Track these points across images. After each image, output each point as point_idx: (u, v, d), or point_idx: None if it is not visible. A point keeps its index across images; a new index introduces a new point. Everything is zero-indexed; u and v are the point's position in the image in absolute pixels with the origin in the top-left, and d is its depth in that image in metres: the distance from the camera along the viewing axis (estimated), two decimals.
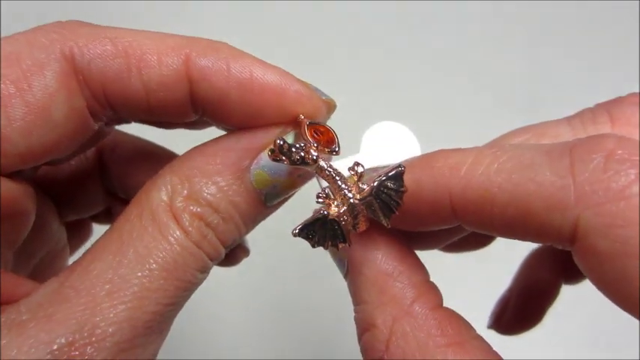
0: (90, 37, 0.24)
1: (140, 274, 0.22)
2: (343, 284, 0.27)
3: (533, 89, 0.67)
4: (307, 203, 0.27)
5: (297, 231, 0.23)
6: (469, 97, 0.66)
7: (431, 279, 0.25)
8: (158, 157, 0.34)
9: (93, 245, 0.24)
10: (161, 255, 0.23)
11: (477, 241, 0.35)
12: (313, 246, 0.24)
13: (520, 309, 0.38)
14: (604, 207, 0.18)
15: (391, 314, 0.22)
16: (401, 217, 0.23)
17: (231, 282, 0.51)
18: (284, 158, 0.23)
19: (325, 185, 0.24)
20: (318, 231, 0.23)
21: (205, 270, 0.25)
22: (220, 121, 0.26)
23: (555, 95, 0.66)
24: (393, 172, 0.23)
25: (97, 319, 0.21)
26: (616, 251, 0.18)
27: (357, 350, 0.25)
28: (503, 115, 0.64)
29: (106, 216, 0.37)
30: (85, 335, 0.21)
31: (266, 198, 0.25)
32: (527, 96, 0.67)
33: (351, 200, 0.23)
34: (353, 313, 0.26)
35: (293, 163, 0.23)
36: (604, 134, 0.20)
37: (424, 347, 0.21)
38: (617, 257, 0.18)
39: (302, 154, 0.23)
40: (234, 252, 0.36)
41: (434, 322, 0.22)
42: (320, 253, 0.26)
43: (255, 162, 0.25)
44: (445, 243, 0.31)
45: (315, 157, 0.23)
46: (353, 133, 0.29)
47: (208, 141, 0.26)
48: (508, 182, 0.20)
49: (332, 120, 0.28)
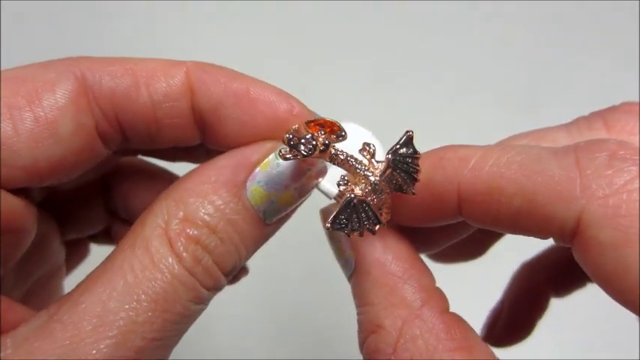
0: (100, 62, 0.25)
1: (127, 307, 0.21)
2: (342, 286, 0.27)
3: (533, 89, 0.68)
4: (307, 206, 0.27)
5: (329, 224, 0.23)
6: (469, 97, 0.67)
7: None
8: (161, 178, 0.33)
9: (88, 275, 0.23)
10: (150, 285, 0.22)
11: (470, 251, 0.36)
12: (348, 235, 0.23)
13: (511, 321, 0.38)
14: (608, 199, 0.19)
15: (400, 316, 0.22)
16: (408, 210, 0.23)
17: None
18: (295, 153, 0.23)
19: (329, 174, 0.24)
20: (349, 218, 0.23)
21: (200, 301, 0.24)
22: (216, 136, 0.26)
23: (555, 95, 0.67)
24: (404, 138, 0.23)
25: (80, 355, 0.20)
26: (617, 241, 0.19)
27: (354, 351, 0.25)
28: (503, 115, 0.65)
29: (105, 236, 0.36)
30: None
31: (265, 215, 0.25)
32: (527, 96, 0.67)
33: (371, 178, 0.23)
34: (350, 316, 0.25)
35: (306, 155, 0.23)
36: (606, 138, 0.21)
37: (433, 351, 0.21)
38: (618, 247, 0.19)
39: (314, 143, 0.23)
40: None
41: (443, 326, 0.22)
42: (320, 254, 0.25)
43: (250, 178, 0.24)
44: (442, 246, 0.31)
45: (327, 143, 0.23)
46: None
47: (202, 164, 0.25)
48: (516, 174, 0.21)
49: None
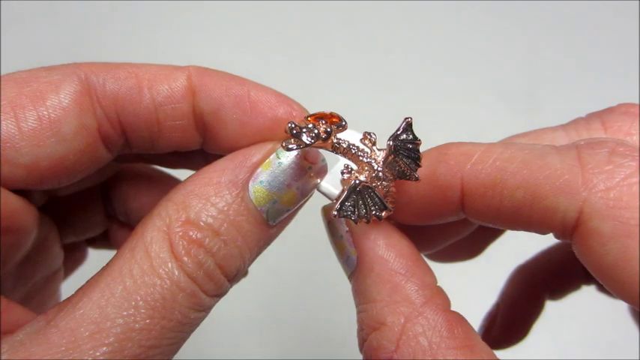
0: (104, 66, 0.26)
1: (125, 313, 0.21)
2: (341, 286, 0.27)
3: (533, 89, 0.68)
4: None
5: (336, 211, 0.23)
6: (469, 97, 0.67)
7: None
8: (160, 182, 0.34)
9: (87, 281, 0.23)
10: (149, 291, 0.21)
11: (467, 250, 0.36)
12: (356, 221, 0.23)
13: (507, 324, 0.38)
14: (609, 192, 0.20)
15: (403, 314, 0.22)
16: (410, 206, 0.23)
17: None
18: (299, 142, 0.23)
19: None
20: (355, 204, 0.23)
21: (201, 308, 0.23)
22: (216, 138, 0.26)
23: (555, 95, 0.67)
24: (403, 125, 0.23)
25: None
26: (618, 232, 0.19)
27: (353, 352, 0.25)
28: (503, 115, 0.65)
29: (103, 240, 0.36)
30: None
31: (268, 215, 0.24)
32: (527, 96, 0.68)
33: (374, 165, 0.24)
34: (349, 316, 0.25)
35: (308, 144, 0.23)
36: (606, 137, 0.21)
37: (435, 348, 0.21)
38: (619, 237, 0.19)
39: (316, 132, 0.23)
40: None
41: (445, 325, 0.22)
42: (318, 255, 0.25)
43: (252, 178, 0.24)
44: (441, 246, 0.31)
45: (328, 131, 0.23)
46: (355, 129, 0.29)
47: (202, 167, 0.25)
48: (519, 168, 0.21)
49: None
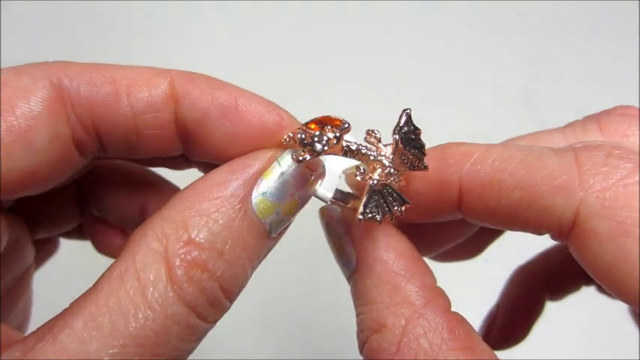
0: (78, 68, 0.24)
1: (111, 352, 0.19)
2: (340, 287, 0.27)
3: (533, 89, 0.68)
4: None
5: (361, 215, 0.23)
6: (469, 97, 0.67)
7: None
8: (139, 177, 0.32)
9: (71, 305, 0.21)
10: (139, 325, 0.20)
11: (467, 250, 0.36)
12: (381, 221, 0.23)
13: (507, 325, 0.38)
14: (605, 192, 0.20)
15: (404, 315, 0.22)
16: (412, 203, 0.24)
17: None
18: (311, 151, 0.22)
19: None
20: (378, 204, 0.23)
21: (198, 337, 0.22)
22: (201, 148, 0.25)
23: (555, 95, 0.67)
24: (404, 117, 0.24)
25: None
26: (614, 231, 0.19)
27: (352, 352, 0.25)
28: (503, 115, 0.65)
29: (76, 232, 0.35)
30: None
31: (271, 227, 0.23)
32: (527, 96, 0.68)
33: (385, 161, 0.24)
34: (348, 317, 0.25)
35: (320, 153, 0.22)
36: (603, 141, 0.22)
37: (437, 350, 0.21)
38: (615, 237, 0.19)
39: (326, 138, 0.22)
40: None
41: (446, 326, 0.22)
42: (318, 256, 0.25)
43: (254, 190, 0.23)
44: (442, 249, 0.31)
45: (338, 136, 0.23)
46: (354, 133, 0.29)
47: (197, 179, 0.24)
48: (518, 168, 0.22)
49: None
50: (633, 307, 0.20)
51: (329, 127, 0.23)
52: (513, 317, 0.38)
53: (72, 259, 0.39)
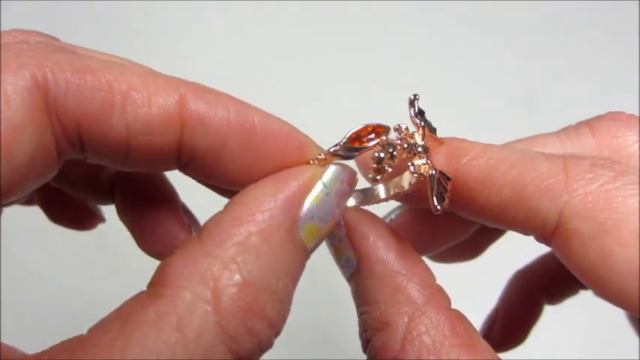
0: (67, 65, 0.20)
1: None
2: (340, 287, 0.27)
3: (533, 89, 0.69)
4: None
5: (439, 207, 0.23)
6: (469, 98, 0.68)
7: None
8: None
9: (90, 334, 0.18)
10: None
11: (467, 251, 0.36)
12: (441, 210, 0.23)
13: (505, 327, 0.39)
14: (587, 196, 0.21)
15: (406, 314, 0.22)
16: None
17: None
18: (388, 163, 0.23)
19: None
20: (444, 190, 0.24)
21: None
22: (206, 172, 0.23)
23: (555, 95, 0.68)
24: (416, 102, 0.24)
25: None
26: (596, 232, 0.21)
27: (352, 352, 0.24)
28: (503, 115, 0.66)
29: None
30: None
31: (311, 251, 0.22)
32: (527, 96, 0.69)
33: (419, 148, 0.24)
34: (348, 317, 0.25)
35: (392, 166, 0.23)
36: (591, 153, 0.25)
37: (439, 347, 0.21)
38: (597, 237, 0.20)
39: (391, 150, 0.23)
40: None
41: (447, 323, 0.22)
42: (317, 257, 0.25)
43: (301, 214, 0.21)
44: (441, 248, 0.31)
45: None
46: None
47: (233, 204, 0.21)
48: (510, 169, 0.23)
49: (333, 124, 0.28)
50: (615, 304, 0.21)
51: (384, 137, 0.23)
52: (512, 320, 0.39)
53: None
